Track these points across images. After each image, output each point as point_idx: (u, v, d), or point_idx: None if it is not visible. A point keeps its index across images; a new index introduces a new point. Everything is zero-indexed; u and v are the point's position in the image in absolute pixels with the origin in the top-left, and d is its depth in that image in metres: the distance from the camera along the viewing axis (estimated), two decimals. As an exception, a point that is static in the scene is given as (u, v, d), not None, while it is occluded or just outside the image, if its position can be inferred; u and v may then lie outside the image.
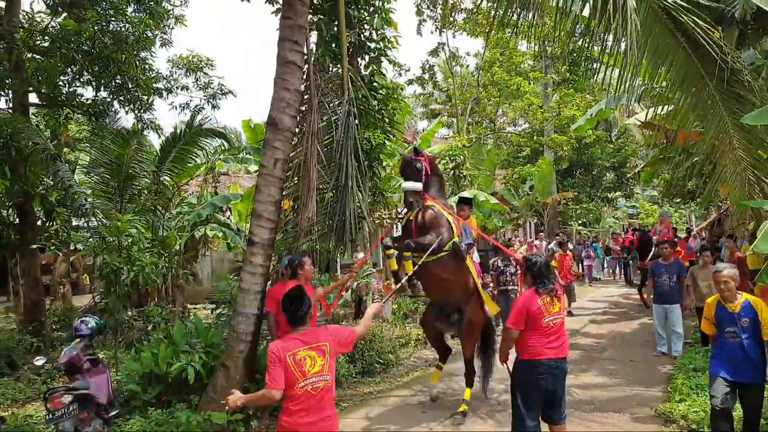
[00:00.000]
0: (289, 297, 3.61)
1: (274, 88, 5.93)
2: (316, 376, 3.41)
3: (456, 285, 6.14)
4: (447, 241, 5.77)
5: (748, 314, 4.63)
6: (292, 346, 3.45)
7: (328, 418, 3.49)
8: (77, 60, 10.85)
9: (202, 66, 12.89)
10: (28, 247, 10.26)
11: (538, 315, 4.46)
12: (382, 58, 9.60)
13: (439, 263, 5.84)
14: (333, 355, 3.56)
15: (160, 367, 6.35)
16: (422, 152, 6.04)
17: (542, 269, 4.58)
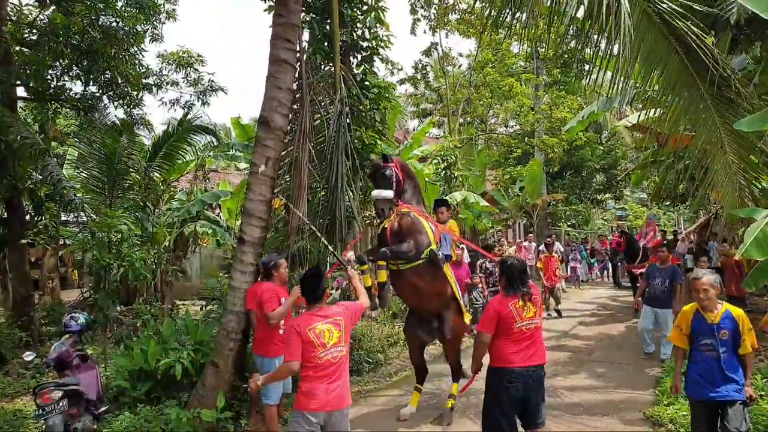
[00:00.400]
0: (308, 276, 4.02)
1: (266, 87, 5.92)
2: (335, 347, 3.80)
3: (433, 293, 5.94)
4: (425, 248, 5.61)
5: (728, 326, 4.29)
6: (311, 321, 3.82)
7: (344, 383, 3.90)
8: (66, 54, 10.75)
9: (193, 62, 12.83)
10: (17, 242, 10.17)
11: (509, 319, 4.26)
12: (374, 58, 9.65)
13: (416, 271, 5.67)
14: (347, 327, 3.95)
15: (149, 364, 6.34)
16: (391, 158, 5.84)
17: (515, 272, 4.38)
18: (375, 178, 5.69)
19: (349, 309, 4.06)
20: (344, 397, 3.88)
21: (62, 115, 13.80)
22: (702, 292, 4.33)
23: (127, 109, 11.66)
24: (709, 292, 4.33)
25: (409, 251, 5.47)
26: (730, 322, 4.29)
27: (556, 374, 8.08)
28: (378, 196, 5.51)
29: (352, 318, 4.06)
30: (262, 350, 5.49)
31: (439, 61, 19.61)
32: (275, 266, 5.52)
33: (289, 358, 3.80)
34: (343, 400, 3.85)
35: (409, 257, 5.49)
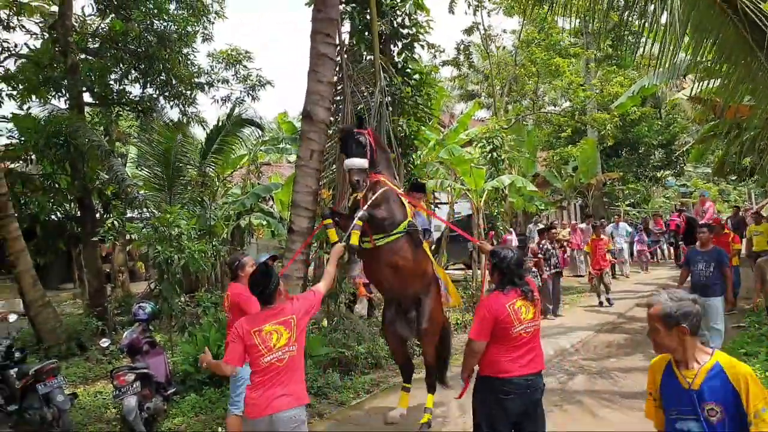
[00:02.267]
0: (256, 276, 3.68)
1: (308, 81, 6.15)
2: (281, 350, 3.52)
3: (413, 273, 5.28)
4: (399, 221, 5.08)
5: (719, 395, 2.44)
6: (257, 323, 3.57)
7: (294, 384, 3.57)
8: (125, 59, 11.41)
9: (241, 59, 13.28)
10: (89, 239, 10.92)
11: (506, 323, 3.58)
12: (415, 44, 9.74)
13: (393, 248, 5.09)
14: (301, 325, 3.65)
15: (211, 350, 6.74)
16: (365, 125, 5.34)
17: (512, 265, 3.69)
18: (347, 146, 5.13)
19: (302, 303, 3.76)
20: (292, 397, 3.55)
21: (124, 117, 14.57)
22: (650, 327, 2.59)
23: (181, 108, 12.23)
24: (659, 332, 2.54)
25: (385, 219, 5.00)
26: (722, 389, 2.45)
27: (609, 356, 8.04)
28: (352, 165, 4.98)
29: (307, 311, 3.77)
30: None
31: (482, 41, 19.35)
32: (240, 266, 5.13)
33: (225, 359, 3.60)
34: (290, 400, 3.53)
35: (384, 226, 5.00)
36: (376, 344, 7.85)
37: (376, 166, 5.24)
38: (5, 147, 10.51)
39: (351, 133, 5.15)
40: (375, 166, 5.22)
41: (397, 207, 5.11)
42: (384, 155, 5.43)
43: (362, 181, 4.98)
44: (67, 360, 8.40)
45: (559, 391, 6.56)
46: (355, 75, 6.72)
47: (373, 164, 5.17)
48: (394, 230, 5.01)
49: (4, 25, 10.83)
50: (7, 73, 10.77)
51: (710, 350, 2.60)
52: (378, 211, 4.96)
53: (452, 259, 17.59)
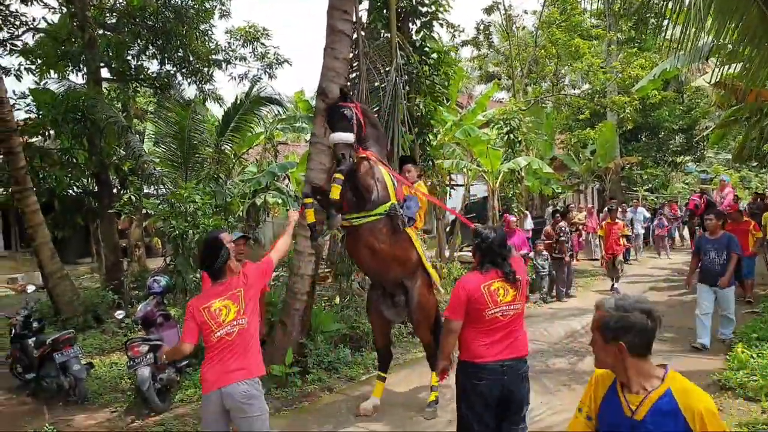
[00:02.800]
0: (204, 251, 3.70)
1: (324, 58, 6.10)
2: (230, 324, 3.49)
3: (391, 257, 5.05)
4: (381, 201, 4.85)
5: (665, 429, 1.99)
6: (206, 299, 3.57)
7: (247, 357, 3.54)
8: (143, 35, 11.41)
9: (259, 36, 13.23)
10: (106, 213, 11.07)
11: (479, 304, 3.44)
12: (433, 23, 9.62)
13: (372, 229, 4.91)
14: (250, 297, 3.61)
15: (224, 323, 6.85)
16: (351, 98, 5.10)
17: (494, 246, 3.52)
18: (332, 119, 4.94)
19: (250, 274, 3.68)
20: (244, 371, 3.50)
21: (141, 94, 14.63)
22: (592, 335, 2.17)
23: (199, 85, 12.24)
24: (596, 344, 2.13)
25: (366, 190, 4.80)
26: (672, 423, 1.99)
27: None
28: (337, 140, 4.76)
29: (257, 281, 3.71)
30: None
31: (502, 21, 19.05)
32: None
33: (182, 338, 3.62)
34: (240, 374, 3.48)
35: (364, 200, 4.82)
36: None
37: (365, 142, 5.01)
38: (24, 121, 10.61)
39: (336, 106, 4.94)
40: (363, 141, 4.99)
41: (381, 187, 4.89)
42: (374, 131, 5.19)
43: (347, 156, 4.75)
44: (83, 332, 8.57)
45: (569, 371, 6.61)
46: (371, 52, 6.64)
47: (360, 139, 4.94)
48: (373, 210, 4.83)
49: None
50: (25, 47, 10.83)
51: (662, 373, 2.07)
52: (363, 179, 4.76)
53: (466, 241, 17.57)
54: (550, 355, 7.28)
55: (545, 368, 6.75)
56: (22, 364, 6.36)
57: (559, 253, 11.26)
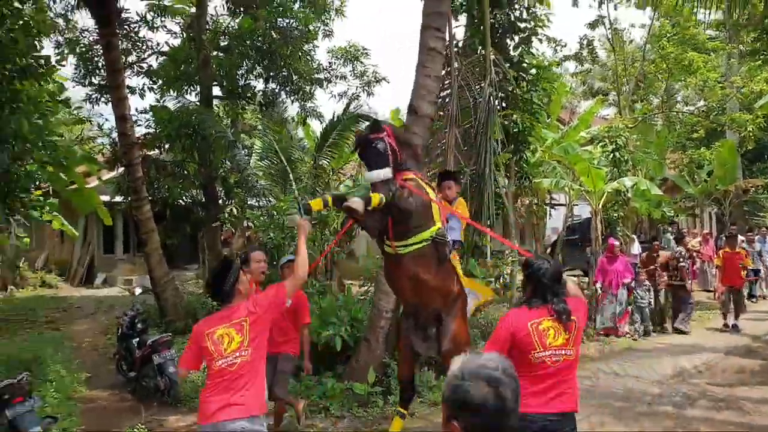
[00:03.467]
0: (214, 271, 3.52)
1: (416, 75, 6.10)
2: (232, 355, 3.27)
3: (435, 289, 4.57)
4: (426, 226, 4.37)
5: None
6: (211, 325, 3.37)
7: (246, 392, 3.28)
8: (251, 56, 12.07)
9: (359, 55, 13.56)
10: (211, 223, 11.73)
11: (525, 345, 3.01)
12: (532, 38, 9.38)
13: (417, 258, 4.38)
14: (256, 328, 3.34)
15: (311, 335, 6.96)
16: (382, 126, 4.51)
17: (545, 279, 3.10)
18: (366, 156, 4.41)
19: (260, 304, 3.41)
20: (242, 407, 3.26)
21: (248, 111, 15.45)
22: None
23: (301, 102, 12.75)
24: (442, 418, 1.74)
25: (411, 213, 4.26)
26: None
27: (742, 383, 7.22)
28: (374, 179, 4.25)
29: (266, 311, 3.41)
30: None
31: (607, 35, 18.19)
32: (245, 261, 4.64)
33: (180, 363, 3.51)
34: (238, 410, 3.25)
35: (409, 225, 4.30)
36: (477, 346, 7.68)
37: (402, 165, 4.50)
38: (144, 136, 11.53)
39: (367, 141, 4.38)
40: (401, 166, 4.48)
41: (425, 209, 4.39)
42: (408, 150, 4.65)
43: (386, 194, 4.22)
44: (183, 335, 9.04)
45: (674, 416, 6.00)
46: (464, 69, 6.55)
47: (397, 166, 4.42)
48: (418, 234, 4.31)
49: (150, 25, 11.90)
50: (149, 68, 11.82)
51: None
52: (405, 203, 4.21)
53: (569, 264, 16.81)
54: (654, 395, 6.70)
55: (646, 410, 6.19)
56: (126, 362, 6.82)
57: (679, 280, 10.44)
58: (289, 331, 5.27)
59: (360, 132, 4.78)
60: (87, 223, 17.73)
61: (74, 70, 11.73)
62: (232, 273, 3.40)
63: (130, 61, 11.91)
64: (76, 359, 8.13)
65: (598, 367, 7.74)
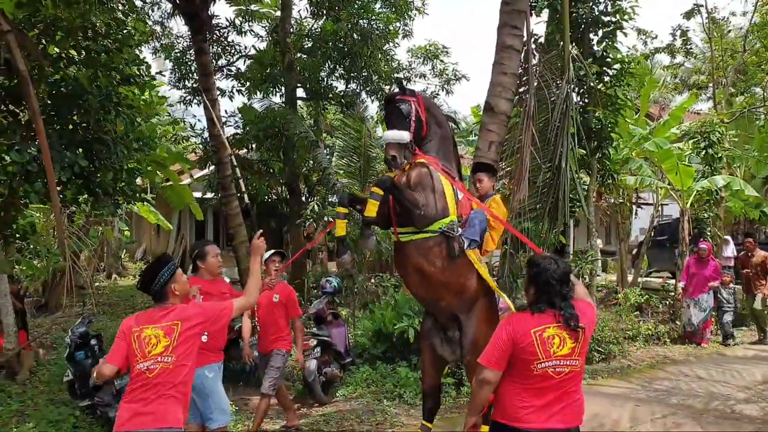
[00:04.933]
0: (147, 267, 3.32)
1: (492, 73, 6.15)
2: (153, 358, 3.01)
3: (443, 285, 4.11)
4: (437, 215, 3.96)
5: None
6: (141, 322, 3.12)
7: (158, 409, 3.00)
8: (333, 57, 12.46)
9: (438, 54, 13.64)
10: (295, 219, 12.25)
11: (527, 354, 2.73)
12: (617, 32, 9.12)
13: (420, 248, 4.02)
14: (187, 335, 3.08)
15: (386, 327, 7.20)
16: (412, 91, 4.21)
17: (552, 280, 2.78)
18: (387, 115, 4.18)
19: (200, 313, 3.17)
20: (153, 417, 2.98)
21: (330, 111, 15.94)
22: None
23: (380, 102, 13.01)
24: None
25: (415, 205, 3.87)
26: None
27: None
28: (389, 138, 4.01)
29: (203, 321, 3.16)
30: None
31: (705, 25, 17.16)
32: (200, 256, 4.40)
33: (107, 357, 3.13)
34: (150, 419, 2.98)
35: (413, 216, 3.90)
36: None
37: (425, 143, 4.18)
38: (233, 136, 12.21)
39: (392, 100, 4.13)
40: (423, 142, 4.17)
41: (437, 198, 3.99)
42: (438, 131, 4.29)
43: (399, 158, 3.96)
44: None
45: (759, 420, 5.74)
46: (541, 66, 6.51)
47: (420, 140, 4.13)
48: (425, 226, 3.95)
49: (238, 30, 12.59)
50: (238, 72, 12.50)
51: None
52: (408, 193, 3.90)
53: (655, 265, 16.12)
54: (739, 399, 6.40)
55: (729, 413, 5.94)
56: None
57: None
58: (280, 327, 5.41)
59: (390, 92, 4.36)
60: (180, 218, 18.99)
61: (170, 74, 12.60)
62: (166, 271, 3.16)
63: (220, 64, 12.64)
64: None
65: (680, 369, 7.52)
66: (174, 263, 3.25)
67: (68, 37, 7.22)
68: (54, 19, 7.00)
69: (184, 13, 9.90)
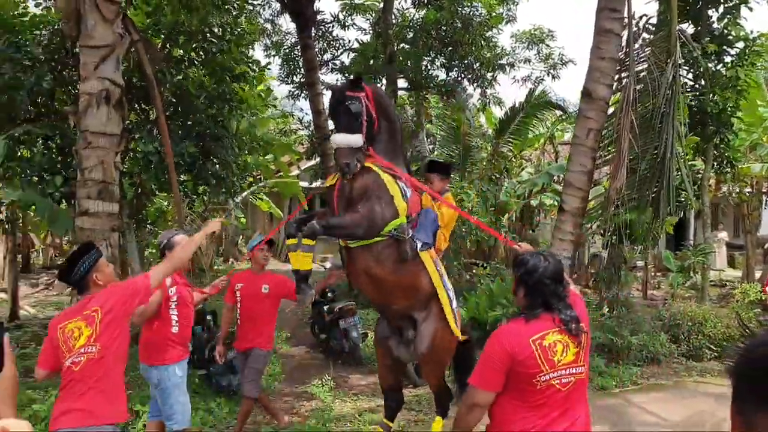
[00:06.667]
0: (69, 255, 3.07)
1: (590, 58, 5.96)
2: (77, 351, 2.81)
3: (395, 286, 3.93)
4: (385, 221, 3.71)
5: None
6: (64, 318, 2.93)
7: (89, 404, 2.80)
8: (434, 46, 12.53)
9: (544, 38, 13.26)
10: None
11: (528, 366, 2.32)
12: (740, 6, 8.46)
13: (371, 252, 3.82)
14: (109, 320, 2.85)
15: (480, 315, 7.26)
16: (362, 85, 3.80)
17: (546, 280, 2.41)
18: (336, 115, 3.78)
19: (115, 292, 2.94)
20: (85, 413, 2.78)
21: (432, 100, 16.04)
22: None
23: (482, 89, 12.92)
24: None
25: (356, 226, 3.66)
26: None
27: None
28: (339, 143, 3.69)
29: (124, 302, 2.93)
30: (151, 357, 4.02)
31: None
32: (168, 247, 4.02)
33: (38, 363, 2.99)
34: (78, 416, 2.79)
35: (356, 235, 3.73)
36: (656, 339, 7.31)
37: (374, 141, 3.81)
38: (337, 127, 12.70)
39: (340, 98, 3.74)
40: (373, 140, 3.80)
41: (382, 204, 3.71)
42: (388, 126, 3.93)
43: (352, 164, 3.65)
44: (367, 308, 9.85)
45: None
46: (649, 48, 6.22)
47: (370, 139, 3.77)
48: (373, 237, 3.75)
49: (342, 24, 13.02)
50: (341, 65, 12.95)
51: None
52: (344, 219, 3.69)
53: None
54: None
55: None
56: (318, 326, 7.77)
57: None
58: (265, 322, 4.79)
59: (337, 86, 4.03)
60: (291, 206, 20.04)
61: (279, 69, 13.32)
62: (86, 260, 2.97)
63: (325, 59, 13.14)
64: (280, 321, 9.43)
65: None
66: (96, 251, 3.06)
67: (189, 40, 7.95)
68: (176, 24, 7.74)
69: (291, 11, 10.46)
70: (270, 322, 4.83)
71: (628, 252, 7.61)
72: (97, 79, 5.35)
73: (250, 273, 4.86)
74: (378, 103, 3.85)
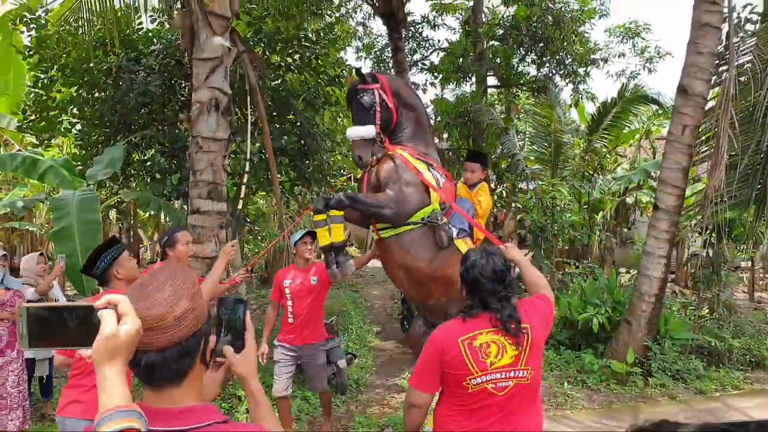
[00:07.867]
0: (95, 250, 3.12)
1: (687, 53, 5.80)
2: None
3: (432, 279, 3.77)
4: (414, 207, 3.63)
5: None
6: None
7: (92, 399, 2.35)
8: (525, 43, 12.45)
9: (639, 31, 12.80)
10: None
11: (456, 368, 2.21)
12: None
13: (403, 242, 3.71)
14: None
15: (572, 315, 7.25)
16: (375, 76, 3.80)
17: (483, 278, 2.26)
18: (352, 109, 3.82)
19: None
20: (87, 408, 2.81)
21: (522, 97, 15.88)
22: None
23: (574, 85, 12.67)
24: None
25: (382, 206, 3.58)
26: None
27: None
28: (351, 136, 3.74)
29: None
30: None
31: None
32: (169, 243, 3.88)
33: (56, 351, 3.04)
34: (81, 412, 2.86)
35: (384, 216, 3.62)
36: (761, 343, 6.97)
37: (398, 132, 3.84)
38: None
39: (352, 93, 3.79)
40: (395, 131, 3.83)
41: (409, 189, 3.64)
42: (411, 114, 3.91)
43: (365, 157, 3.70)
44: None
45: None
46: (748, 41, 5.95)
47: (389, 129, 3.80)
48: (404, 221, 3.66)
49: (431, 24, 13.23)
50: (431, 65, 13.17)
51: None
52: (369, 197, 3.65)
53: None
54: None
55: None
56: (408, 321, 8.04)
57: None
58: (319, 317, 4.81)
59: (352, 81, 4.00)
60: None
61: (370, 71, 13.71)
62: (108, 254, 3.05)
63: (415, 59, 13.40)
64: (370, 316, 9.82)
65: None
66: (120, 246, 3.13)
67: (286, 47, 8.48)
68: (275, 32, 8.29)
69: (382, 14, 10.80)
70: (321, 314, 4.85)
71: (731, 252, 7.30)
72: (207, 88, 5.80)
73: (295, 268, 4.80)
74: (395, 93, 3.86)
